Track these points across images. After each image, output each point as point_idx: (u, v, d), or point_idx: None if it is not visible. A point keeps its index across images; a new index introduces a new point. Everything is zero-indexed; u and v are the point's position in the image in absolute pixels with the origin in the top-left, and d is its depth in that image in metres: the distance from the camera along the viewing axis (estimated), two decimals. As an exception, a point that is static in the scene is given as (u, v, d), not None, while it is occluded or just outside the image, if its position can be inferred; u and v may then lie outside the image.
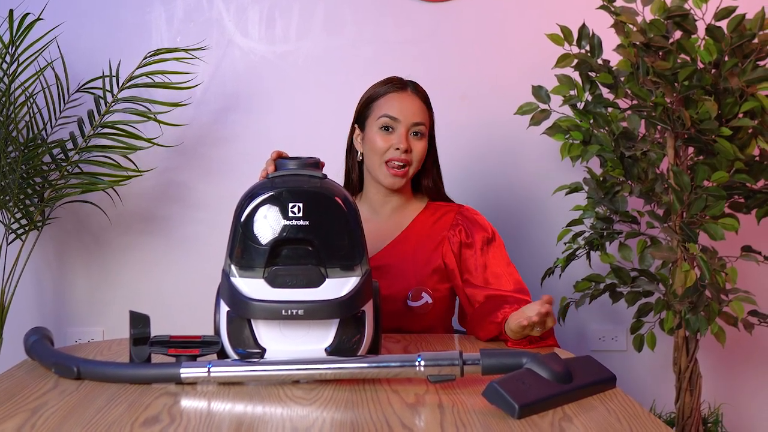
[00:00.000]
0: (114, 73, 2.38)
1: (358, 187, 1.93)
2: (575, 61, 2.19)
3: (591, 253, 2.30)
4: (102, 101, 2.38)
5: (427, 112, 1.87)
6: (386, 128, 1.82)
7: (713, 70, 2.04)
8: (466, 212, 1.88)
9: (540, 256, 2.54)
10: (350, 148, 1.93)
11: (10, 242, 2.40)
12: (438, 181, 1.93)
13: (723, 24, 2.02)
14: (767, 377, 2.70)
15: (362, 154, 1.88)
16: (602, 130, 2.19)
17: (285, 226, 1.27)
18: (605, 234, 2.24)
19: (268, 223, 1.28)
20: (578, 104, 2.24)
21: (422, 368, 1.25)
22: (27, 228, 2.38)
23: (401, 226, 1.88)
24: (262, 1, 2.58)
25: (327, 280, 1.28)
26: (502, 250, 1.85)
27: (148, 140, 2.37)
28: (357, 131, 1.90)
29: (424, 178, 1.91)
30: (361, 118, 1.89)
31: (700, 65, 2.04)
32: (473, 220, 1.86)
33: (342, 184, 1.94)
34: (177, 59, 2.36)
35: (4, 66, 2.27)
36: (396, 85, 1.87)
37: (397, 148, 1.80)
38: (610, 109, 2.20)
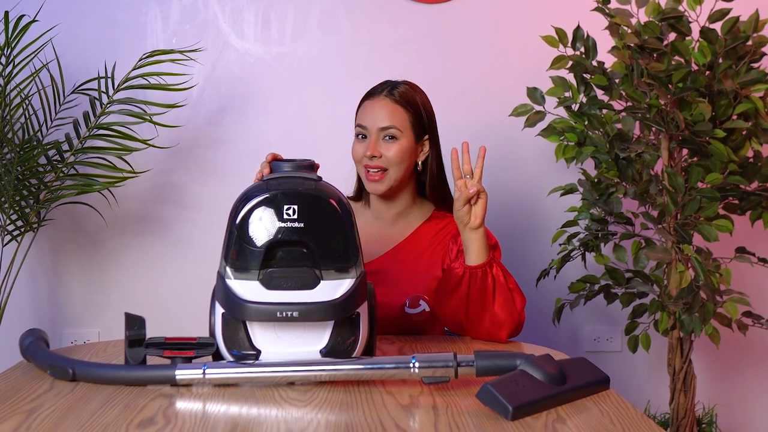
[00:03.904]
0: (109, 75, 2.39)
1: (368, 193, 1.92)
2: (570, 62, 2.19)
3: (586, 254, 2.31)
4: (97, 102, 2.38)
5: (402, 113, 1.82)
6: (360, 136, 1.83)
7: (707, 72, 2.05)
8: None
9: (535, 258, 2.55)
10: None
11: (6, 244, 2.40)
12: (442, 189, 1.90)
13: (717, 26, 2.03)
14: (761, 378, 2.71)
15: None
16: (597, 131, 2.19)
17: (280, 228, 1.28)
18: (600, 235, 2.24)
19: (263, 225, 1.28)
20: (573, 106, 2.24)
21: (417, 370, 1.26)
22: (22, 229, 2.38)
23: (404, 233, 1.88)
24: (257, 3, 2.58)
25: (322, 282, 1.28)
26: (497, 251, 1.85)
27: (144, 141, 2.37)
28: None
29: (427, 186, 1.90)
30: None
31: (695, 67, 2.05)
32: None
33: (352, 192, 1.95)
34: (172, 61, 2.36)
35: (0, 68, 2.27)
36: (372, 92, 1.86)
37: (365, 155, 1.80)
38: (604, 111, 2.20)
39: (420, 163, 1.87)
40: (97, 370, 1.31)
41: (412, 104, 1.85)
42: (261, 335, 1.30)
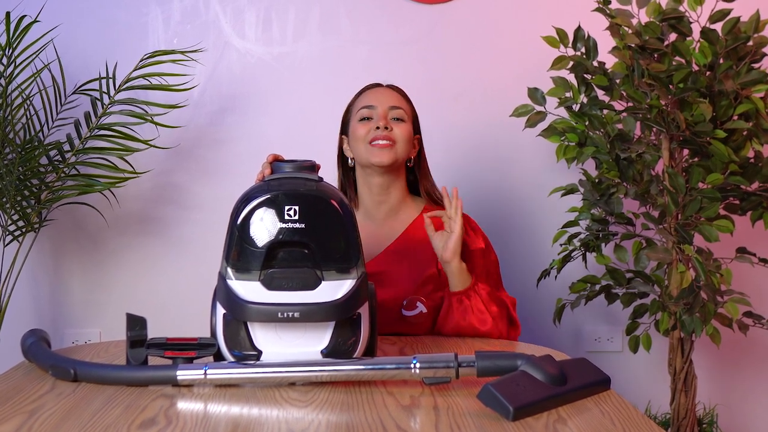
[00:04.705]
0: (111, 75, 2.39)
1: (353, 196, 1.94)
2: (571, 63, 2.19)
3: (587, 254, 2.31)
4: (99, 103, 2.39)
5: (406, 103, 1.91)
6: (366, 118, 1.87)
7: (708, 73, 2.05)
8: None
9: (536, 258, 2.55)
10: (341, 159, 1.95)
11: (7, 244, 2.40)
12: (431, 186, 1.95)
13: (718, 26, 2.03)
14: (762, 378, 2.71)
15: (353, 159, 1.90)
16: (598, 132, 2.19)
17: (281, 228, 1.28)
18: (601, 235, 2.24)
19: (264, 226, 1.28)
20: (574, 106, 2.25)
21: (417, 370, 1.26)
22: (24, 230, 2.38)
23: (396, 232, 1.88)
24: (258, 3, 2.58)
25: (323, 282, 1.28)
26: (490, 263, 1.87)
27: (145, 142, 2.37)
28: (344, 140, 1.92)
29: (420, 181, 1.93)
30: (344, 124, 1.93)
31: (695, 68, 2.05)
32: (466, 230, 1.86)
33: None
34: (174, 61, 2.36)
35: (1, 68, 2.28)
36: (371, 84, 1.95)
37: (377, 127, 1.83)
38: (605, 111, 2.21)
39: (412, 159, 1.91)
40: (98, 371, 1.31)
41: (410, 101, 1.94)
42: (262, 336, 1.31)
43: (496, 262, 1.90)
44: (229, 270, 1.30)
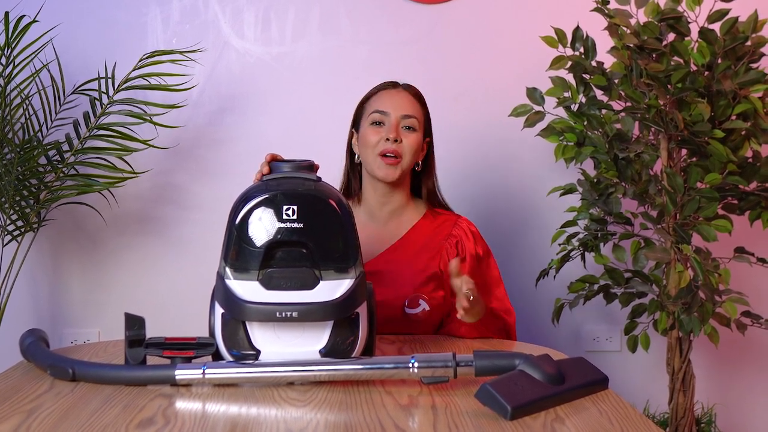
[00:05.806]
0: (110, 75, 2.39)
1: (358, 190, 1.93)
2: (569, 63, 2.19)
3: (585, 254, 2.31)
4: (98, 103, 2.38)
5: (419, 108, 1.88)
6: (377, 123, 1.85)
7: (706, 73, 2.05)
8: (462, 224, 1.88)
9: (534, 258, 2.55)
10: (350, 153, 1.94)
11: (6, 244, 2.40)
12: (435, 190, 1.94)
13: (716, 26, 2.04)
14: (760, 377, 2.71)
15: (359, 156, 1.89)
16: (596, 131, 2.20)
17: (279, 228, 1.28)
18: (599, 235, 2.25)
19: (262, 226, 1.28)
20: (572, 106, 2.25)
21: (416, 370, 1.26)
22: (23, 229, 2.38)
23: (399, 232, 1.88)
24: (257, 3, 2.58)
25: (321, 282, 1.28)
26: (491, 269, 1.87)
27: (144, 142, 2.37)
28: (354, 134, 1.91)
29: (423, 183, 1.92)
30: (356, 120, 1.92)
31: (694, 68, 2.05)
32: (468, 235, 1.87)
33: (340, 188, 1.95)
34: (173, 61, 2.36)
35: (0, 68, 2.28)
36: (388, 83, 1.92)
37: (387, 139, 1.81)
38: (603, 111, 2.21)
39: (420, 162, 1.89)
40: (97, 370, 1.31)
41: (424, 104, 1.92)
42: (260, 335, 1.31)
43: (496, 275, 1.89)
44: (228, 270, 1.30)
